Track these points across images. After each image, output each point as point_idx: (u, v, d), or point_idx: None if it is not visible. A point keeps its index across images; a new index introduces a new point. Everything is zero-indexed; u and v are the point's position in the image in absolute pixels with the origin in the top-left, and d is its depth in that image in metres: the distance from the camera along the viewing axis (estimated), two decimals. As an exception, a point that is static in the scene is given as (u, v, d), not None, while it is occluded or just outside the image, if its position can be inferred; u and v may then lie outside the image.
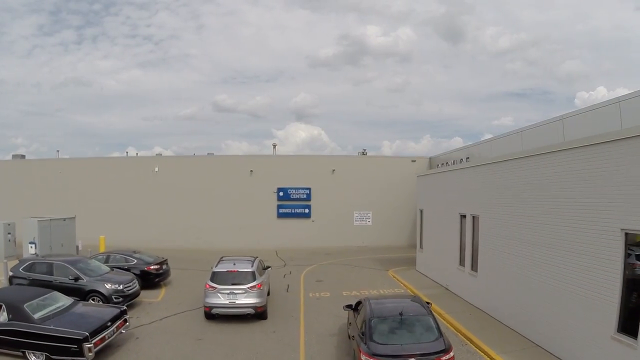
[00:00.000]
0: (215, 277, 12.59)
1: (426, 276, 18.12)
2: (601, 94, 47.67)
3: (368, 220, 28.97)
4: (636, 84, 61.07)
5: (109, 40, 62.60)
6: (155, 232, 27.77)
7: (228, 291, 12.21)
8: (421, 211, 19.32)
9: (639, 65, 55.51)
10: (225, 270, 12.75)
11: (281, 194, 28.55)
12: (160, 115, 65.98)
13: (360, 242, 28.41)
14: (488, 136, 31.73)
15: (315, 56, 62.02)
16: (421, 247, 19.33)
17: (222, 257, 14.34)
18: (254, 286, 12.37)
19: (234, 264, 13.14)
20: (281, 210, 28.55)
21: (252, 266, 13.14)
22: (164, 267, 17.29)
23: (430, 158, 29.98)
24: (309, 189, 28.64)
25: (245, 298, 12.20)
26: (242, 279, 12.48)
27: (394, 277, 18.67)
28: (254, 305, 12.26)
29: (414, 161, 29.73)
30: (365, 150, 32.20)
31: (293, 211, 28.53)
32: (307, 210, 28.60)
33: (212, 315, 12.50)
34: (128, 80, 58.84)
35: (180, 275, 19.01)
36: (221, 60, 64.36)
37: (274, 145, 34.37)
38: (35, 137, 67.54)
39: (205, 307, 12.52)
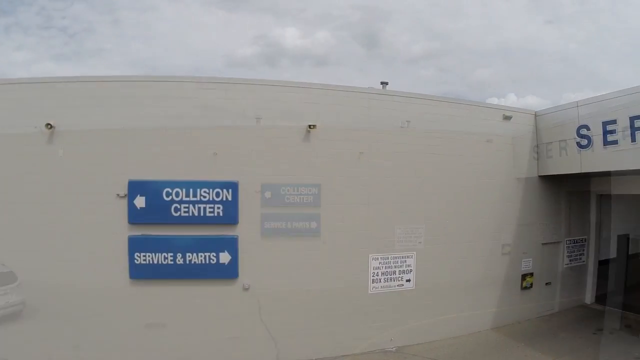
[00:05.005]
0: None
1: None
2: (510, 100, 48.74)
3: (418, 240, 16.89)
4: (544, 92, 65.48)
5: (22, 31, 59.44)
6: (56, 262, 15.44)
7: (2, 292, 12.30)
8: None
9: (546, 74, 58.40)
10: None
11: (268, 194, 16.07)
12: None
13: (405, 280, 16.48)
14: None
15: (232, 55, 61.25)
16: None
17: None
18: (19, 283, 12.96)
19: None
20: (268, 224, 16.04)
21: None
22: None
23: (536, 113, 17.97)
24: (318, 186, 16.26)
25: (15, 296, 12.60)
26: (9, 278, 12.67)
27: None
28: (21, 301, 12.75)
29: (490, 141, 17.85)
30: (408, 121, 19.64)
31: (289, 225, 16.10)
32: (314, 224, 16.23)
33: None
34: (41, 73, 54.38)
35: None
36: (137, 56, 61.64)
37: (258, 120, 21.95)
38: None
39: None
